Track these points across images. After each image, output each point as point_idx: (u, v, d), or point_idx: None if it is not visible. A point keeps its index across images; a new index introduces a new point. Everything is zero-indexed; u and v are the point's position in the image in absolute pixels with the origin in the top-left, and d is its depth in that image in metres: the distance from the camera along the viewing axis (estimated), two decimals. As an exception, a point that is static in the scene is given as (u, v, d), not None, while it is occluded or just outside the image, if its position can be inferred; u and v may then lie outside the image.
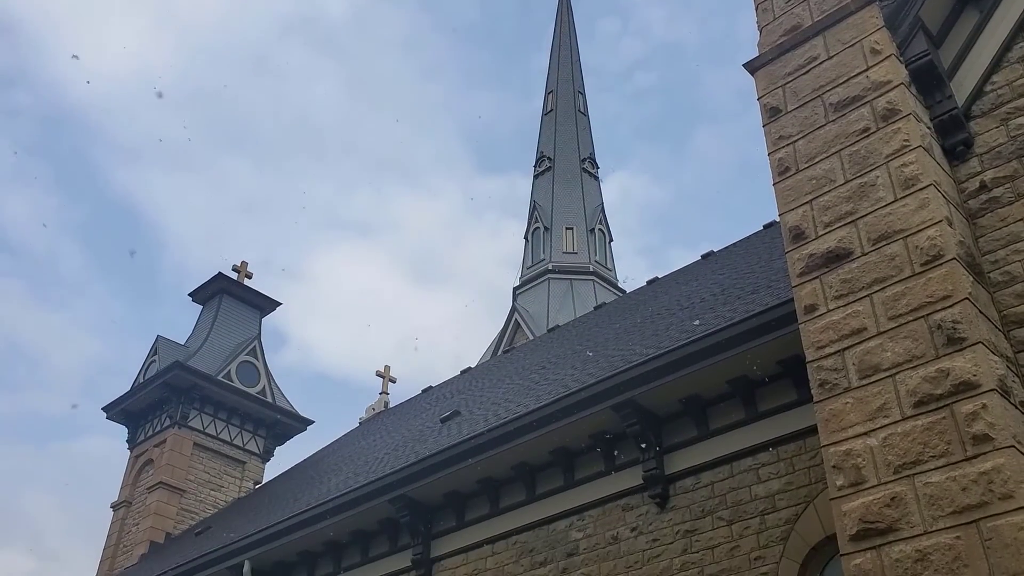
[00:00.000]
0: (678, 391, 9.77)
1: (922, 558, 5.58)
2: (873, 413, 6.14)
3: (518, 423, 10.86)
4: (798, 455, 8.90)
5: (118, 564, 21.06)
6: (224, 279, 25.72)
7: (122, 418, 23.96)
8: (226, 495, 22.38)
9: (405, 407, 22.09)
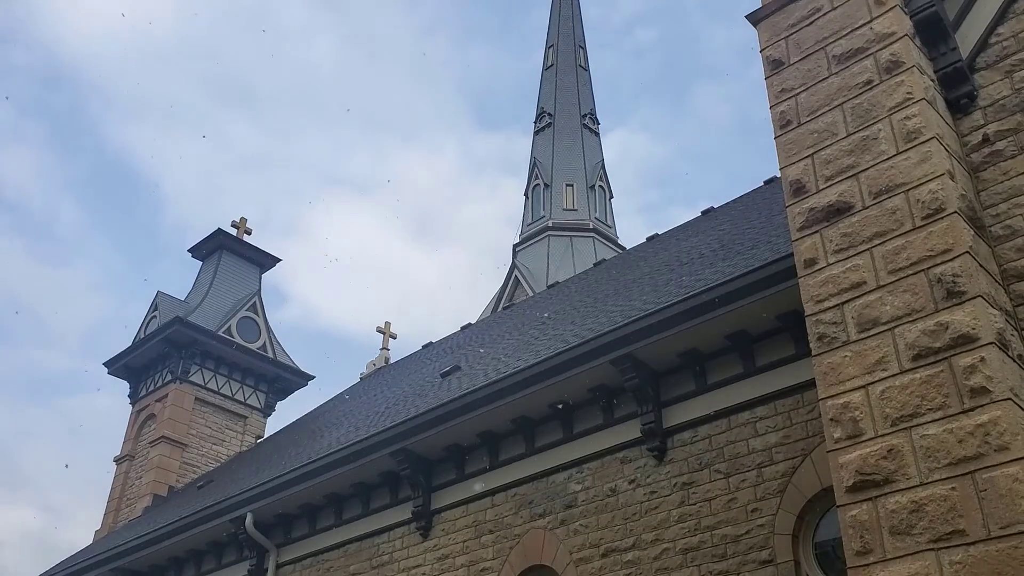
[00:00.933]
0: (677, 346, 9.80)
1: (917, 509, 5.64)
2: (871, 366, 6.17)
3: (517, 377, 10.91)
4: (795, 409, 8.96)
5: (122, 517, 21.31)
6: (223, 235, 25.69)
7: (123, 373, 24.10)
8: (228, 449, 22.57)
9: (405, 362, 22.20)
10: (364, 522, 12.88)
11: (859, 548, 5.84)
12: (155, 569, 16.03)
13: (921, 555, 5.55)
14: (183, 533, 14.86)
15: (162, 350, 22.83)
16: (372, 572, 12.39)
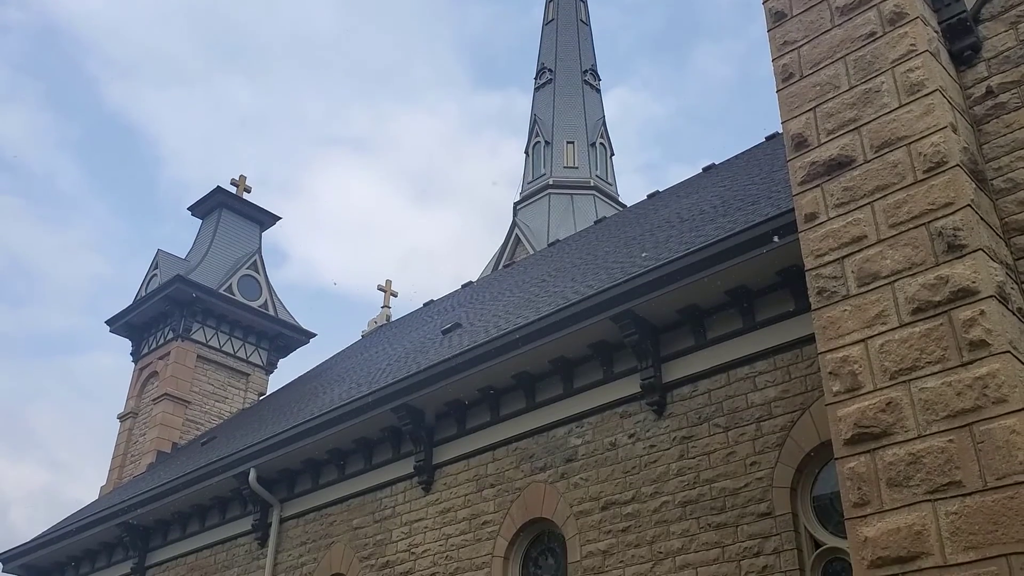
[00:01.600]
0: (676, 302, 9.81)
1: (915, 461, 5.69)
2: (871, 320, 6.18)
3: (518, 334, 10.95)
4: (795, 363, 9.00)
5: (127, 473, 21.52)
6: (223, 193, 25.63)
7: (125, 331, 24.18)
8: (231, 406, 22.72)
9: (407, 320, 22.25)
10: (366, 477, 13.00)
11: (857, 500, 5.89)
12: (160, 524, 16.22)
13: (918, 506, 5.60)
14: (187, 489, 15.01)
15: (163, 308, 22.88)
16: (375, 526, 12.53)
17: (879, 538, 5.67)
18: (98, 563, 17.62)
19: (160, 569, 16.07)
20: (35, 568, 18.77)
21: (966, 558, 5.30)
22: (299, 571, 13.33)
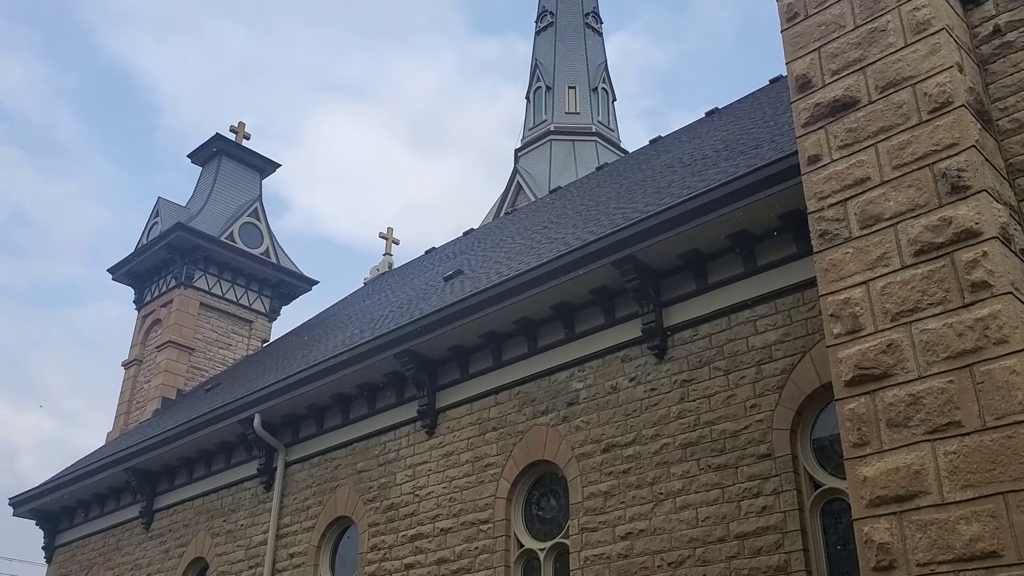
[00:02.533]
0: (678, 247, 9.80)
1: (915, 402, 5.72)
2: (873, 262, 6.17)
3: (520, 280, 10.96)
4: (796, 307, 9.02)
5: (132, 420, 21.72)
6: (222, 140, 25.46)
7: (128, 279, 24.22)
8: (234, 353, 22.85)
9: (409, 267, 22.27)
10: (370, 421, 13.13)
11: (856, 440, 5.95)
12: (166, 469, 16.43)
13: (917, 446, 5.66)
14: (193, 434, 15.17)
15: (165, 256, 22.89)
16: (379, 469, 12.68)
17: (878, 478, 5.74)
18: (107, 507, 17.89)
19: (167, 513, 16.31)
20: (44, 512, 19.06)
21: (963, 496, 5.36)
22: (305, 514, 13.52)
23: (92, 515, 18.24)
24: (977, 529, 5.24)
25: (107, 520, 17.74)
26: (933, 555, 5.38)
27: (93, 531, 17.99)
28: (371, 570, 12.09)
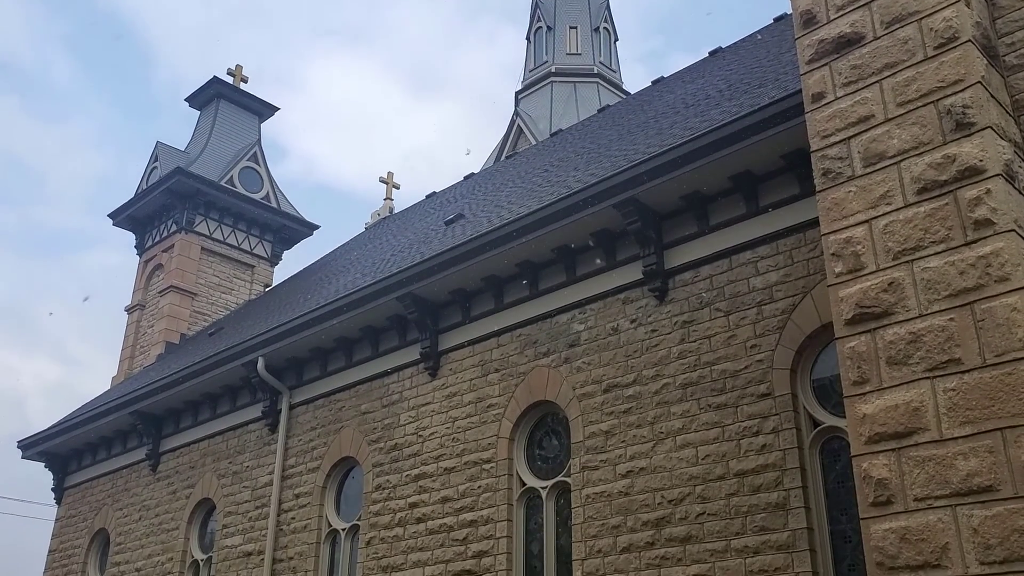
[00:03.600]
0: (680, 188, 9.76)
1: (915, 340, 5.74)
2: (875, 201, 6.15)
3: (521, 223, 10.95)
4: (797, 247, 9.01)
5: (136, 364, 21.87)
6: (220, 83, 25.22)
7: (128, 224, 24.19)
8: (237, 297, 22.91)
9: (410, 212, 22.21)
10: (374, 364, 13.22)
11: (856, 378, 5.98)
12: (171, 412, 16.59)
13: (916, 383, 5.69)
14: (197, 378, 15.28)
15: (165, 201, 22.83)
16: (383, 410, 12.81)
17: (877, 415, 5.78)
18: (113, 449, 18.12)
19: (174, 455, 16.52)
20: (53, 455, 19.30)
21: (962, 432, 5.41)
22: (309, 455, 13.69)
23: (99, 457, 18.47)
24: (974, 464, 5.30)
25: (114, 462, 17.98)
26: (930, 490, 5.45)
27: (101, 473, 18.24)
28: (376, 509, 12.28)
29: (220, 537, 14.75)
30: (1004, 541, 5.06)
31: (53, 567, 18.64)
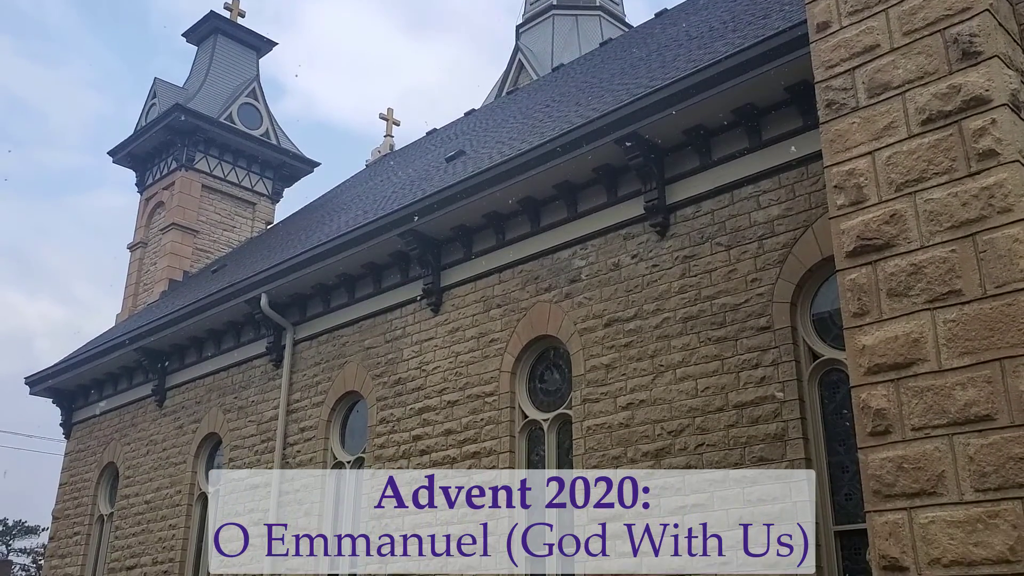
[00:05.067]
0: (682, 122, 9.70)
1: (916, 271, 5.75)
2: (879, 132, 6.10)
3: (522, 159, 10.90)
4: (799, 181, 8.99)
5: (140, 302, 21.96)
6: (217, 17, 24.86)
7: (128, 162, 24.07)
8: (239, 235, 22.91)
9: (410, 149, 22.08)
10: (376, 300, 13.28)
11: (856, 310, 6.01)
12: (176, 348, 16.72)
13: (916, 315, 5.72)
14: (201, 314, 15.37)
15: (165, 138, 22.68)
16: (386, 346, 12.90)
17: (877, 346, 5.82)
18: (120, 385, 18.31)
19: (180, 390, 16.69)
20: (60, 391, 19.51)
21: (961, 363, 5.45)
22: (314, 389, 13.84)
23: (106, 393, 18.68)
24: (972, 394, 5.36)
25: (121, 398, 18.18)
26: (928, 420, 5.51)
27: (108, 408, 18.46)
28: (380, 442, 12.46)
29: (227, 470, 14.98)
30: (999, 469, 5.14)
31: (64, 499, 18.98)
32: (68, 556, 18.16)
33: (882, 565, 5.42)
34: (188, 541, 15.55)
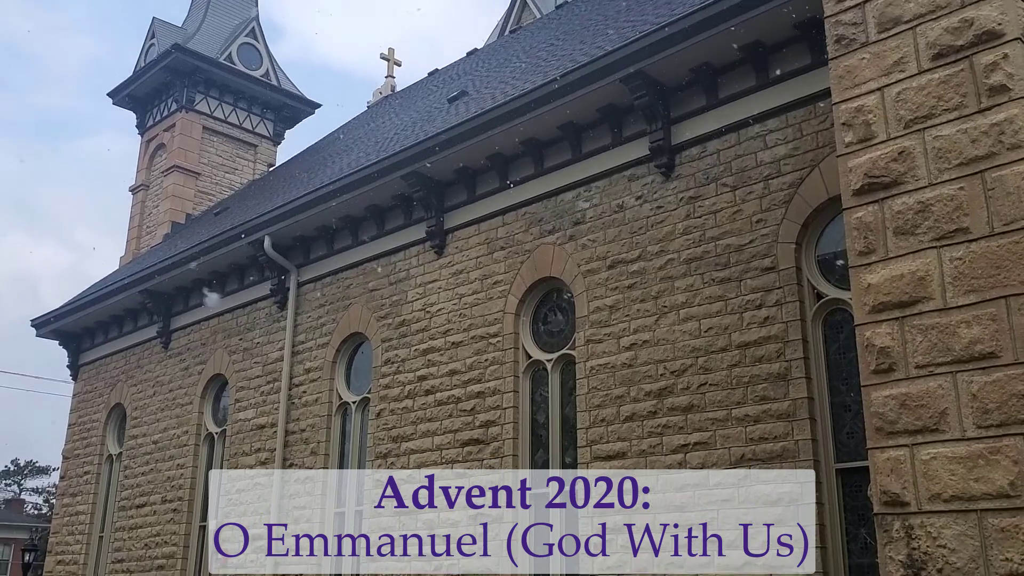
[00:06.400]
0: (689, 60, 9.57)
1: (923, 209, 5.72)
2: (889, 68, 6.01)
3: (525, 99, 10.79)
4: (807, 120, 8.89)
5: (143, 244, 21.98)
6: (215, -44, 24.42)
7: (129, 103, 23.88)
8: (240, 177, 22.81)
9: (412, 90, 21.86)
10: (380, 242, 13.27)
11: (862, 248, 5.99)
12: (181, 290, 16.76)
13: (923, 253, 5.69)
14: (204, 256, 15.37)
15: (164, 78, 22.46)
16: (390, 288, 12.92)
17: (882, 284, 5.81)
18: (125, 327, 18.40)
19: (185, 332, 16.78)
20: (66, 333, 19.63)
21: (966, 301, 5.45)
22: (319, 331, 13.90)
23: (112, 335, 18.79)
24: (977, 332, 5.36)
25: (127, 340, 18.29)
26: (932, 357, 5.52)
27: (114, 350, 18.59)
28: (385, 382, 12.55)
29: (233, 411, 15.14)
30: (1002, 405, 5.16)
31: (74, 439, 19.22)
32: (79, 495, 18.45)
33: (883, 500, 5.48)
34: (196, 480, 15.77)
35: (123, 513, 17.00)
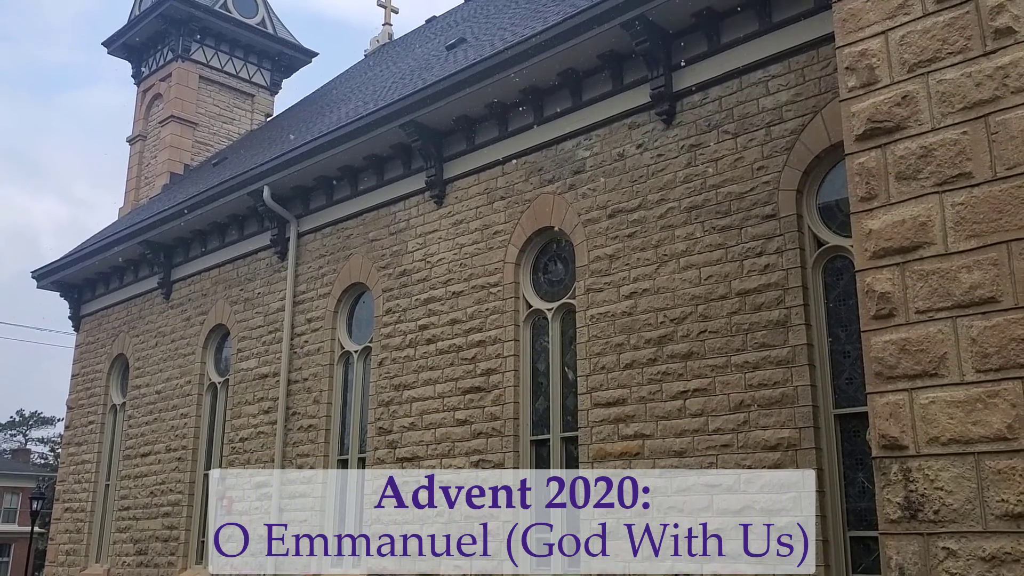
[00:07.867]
0: (691, 5, 9.45)
1: (926, 154, 5.69)
2: (893, 11, 5.94)
3: (525, 46, 10.67)
4: (810, 65, 8.80)
5: (142, 196, 21.88)
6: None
7: (124, 53, 23.60)
8: (238, 127, 22.64)
9: (410, 38, 21.59)
10: (379, 192, 13.22)
11: (864, 194, 5.97)
12: (180, 242, 16.74)
13: (925, 198, 5.68)
14: (204, 207, 15.34)
15: (159, 27, 22.18)
16: (390, 238, 12.91)
17: (883, 230, 5.80)
18: (126, 278, 18.42)
19: (185, 283, 16.80)
20: (67, 284, 19.65)
21: (967, 246, 5.44)
22: (320, 281, 13.91)
23: (113, 287, 18.82)
24: (978, 277, 5.37)
25: (128, 291, 18.33)
26: (932, 302, 5.54)
27: (116, 301, 18.63)
28: (387, 331, 12.60)
29: (235, 361, 15.22)
30: (1001, 350, 5.19)
31: (78, 390, 19.35)
32: (84, 444, 18.64)
33: (881, 444, 5.53)
34: (200, 429, 15.91)
35: (128, 462, 17.18)
